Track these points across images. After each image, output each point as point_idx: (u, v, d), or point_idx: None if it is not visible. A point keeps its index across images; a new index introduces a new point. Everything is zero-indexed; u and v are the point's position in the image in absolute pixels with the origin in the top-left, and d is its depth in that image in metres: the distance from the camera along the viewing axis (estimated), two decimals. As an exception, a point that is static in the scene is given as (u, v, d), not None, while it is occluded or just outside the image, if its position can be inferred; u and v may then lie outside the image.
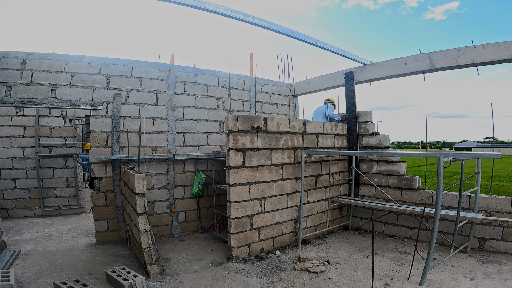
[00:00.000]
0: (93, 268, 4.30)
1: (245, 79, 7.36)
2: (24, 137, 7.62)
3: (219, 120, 6.78)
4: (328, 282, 3.92)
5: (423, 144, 45.47)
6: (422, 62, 5.68)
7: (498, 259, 4.47)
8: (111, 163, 5.52)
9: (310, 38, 5.80)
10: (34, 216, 7.63)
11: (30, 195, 7.69)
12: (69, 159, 8.14)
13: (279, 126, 5.14)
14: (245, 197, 4.78)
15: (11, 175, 7.54)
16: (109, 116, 5.52)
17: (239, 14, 4.77)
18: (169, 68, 6.18)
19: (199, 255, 4.95)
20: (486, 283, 3.76)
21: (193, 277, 4.07)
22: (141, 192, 4.00)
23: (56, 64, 5.23)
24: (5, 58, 4.97)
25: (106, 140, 5.48)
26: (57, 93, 5.20)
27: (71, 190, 8.16)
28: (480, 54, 5.01)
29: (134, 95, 5.76)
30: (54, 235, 5.97)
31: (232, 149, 4.60)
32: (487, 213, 4.81)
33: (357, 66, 6.71)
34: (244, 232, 4.80)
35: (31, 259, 4.54)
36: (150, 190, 5.79)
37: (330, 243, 5.50)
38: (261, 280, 4.00)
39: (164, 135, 6.05)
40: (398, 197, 5.75)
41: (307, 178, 5.63)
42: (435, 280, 3.87)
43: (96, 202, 5.45)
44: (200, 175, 6.06)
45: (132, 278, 3.59)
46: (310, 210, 5.74)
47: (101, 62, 5.53)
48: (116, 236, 5.58)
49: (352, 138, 6.40)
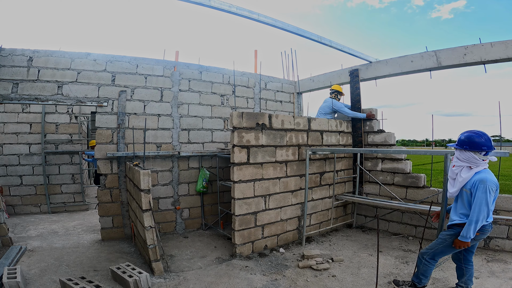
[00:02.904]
0: (98, 265, 4.33)
1: (249, 76, 7.35)
2: (31, 134, 7.69)
3: (223, 117, 6.78)
4: (332, 280, 3.92)
5: (428, 142, 45.19)
6: (429, 60, 5.62)
7: (503, 257, 4.43)
8: (116, 160, 5.55)
9: (315, 36, 5.77)
10: (40, 213, 7.71)
11: (36, 191, 7.76)
12: (75, 155, 8.21)
13: (283, 123, 5.13)
14: (249, 194, 4.78)
15: (17, 171, 7.61)
16: (115, 112, 5.55)
17: (244, 11, 4.75)
18: (174, 65, 6.19)
19: (203, 252, 4.97)
20: (491, 282, 3.74)
21: (197, 274, 4.09)
22: (146, 189, 4.02)
23: (62, 61, 5.26)
24: (12, 56, 5.01)
25: (112, 136, 5.51)
26: (64, 90, 5.23)
27: (76, 187, 8.24)
28: (488, 52, 4.95)
29: (139, 92, 5.78)
30: (60, 232, 6.02)
31: (236, 146, 4.60)
32: (493, 211, 4.77)
33: (362, 63, 6.66)
34: (248, 229, 4.81)
35: (37, 256, 4.58)
36: (155, 187, 5.82)
37: (334, 241, 5.49)
38: (264, 277, 4.01)
39: (169, 132, 6.07)
40: (403, 195, 5.72)
41: (312, 175, 5.62)
42: (439, 278, 3.85)
43: (101, 199, 5.49)
44: (204, 172, 6.08)
45: (136, 274, 3.62)
46: (314, 208, 5.73)
47: (107, 59, 5.55)
48: (121, 232, 5.62)
49: (357, 135, 6.37)
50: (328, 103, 6.46)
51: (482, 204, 2.92)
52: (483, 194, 2.92)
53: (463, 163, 3.10)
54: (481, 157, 3.02)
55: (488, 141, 3.01)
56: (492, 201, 2.96)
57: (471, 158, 3.04)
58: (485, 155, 3.03)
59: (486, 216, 2.94)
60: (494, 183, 2.96)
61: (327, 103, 6.49)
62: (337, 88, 6.61)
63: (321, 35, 5.86)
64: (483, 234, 3.11)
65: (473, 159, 3.03)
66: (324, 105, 6.55)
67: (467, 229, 2.97)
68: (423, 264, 3.37)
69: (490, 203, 2.93)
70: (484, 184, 2.92)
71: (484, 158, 3.04)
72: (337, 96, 6.55)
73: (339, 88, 6.63)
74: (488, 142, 3.00)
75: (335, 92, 6.58)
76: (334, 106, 6.36)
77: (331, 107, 6.38)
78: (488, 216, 2.99)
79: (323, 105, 6.58)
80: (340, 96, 6.61)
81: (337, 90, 6.59)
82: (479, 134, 3.03)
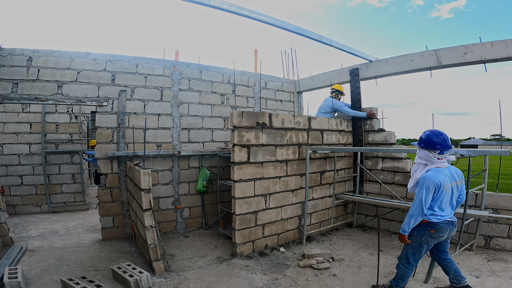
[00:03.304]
0: (99, 265, 4.33)
1: (249, 76, 7.34)
2: (31, 134, 7.69)
3: (223, 116, 6.78)
4: (333, 279, 3.92)
5: (429, 141, 45.05)
6: (429, 59, 5.62)
7: (504, 257, 4.43)
8: (116, 159, 5.55)
9: (315, 35, 5.76)
10: (41, 213, 7.71)
11: (36, 191, 7.76)
12: (75, 155, 8.21)
13: (284, 122, 5.13)
14: (249, 193, 4.78)
15: (18, 171, 7.61)
16: (115, 112, 5.54)
17: (244, 10, 4.75)
18: (174, 64, 6.18)
19: (203, 252, 4.97)
20: (492, 281, 3.74)
21: (198, 274, 4.10)
22: (147, 188, 4.02)
23: (62, 61, 5.25)
24: (11, 55, 5.00)
25: (112, 136, 5.51)
26: (63, 89, 5.23)
27: (77, 187, 8.24)
28: (488, 51, 4.94)
29: (139, 91, 5.78)
30: (61, 232, 6.03)
31: (237, 145, 4.60)
32: (493, 210, 4.77)
33: (363, 62, 6.65)
34: (248, 229, 4.81)
35: (38, 256, 4.58)
36: (155, 186, 5.82)
37: (335, 240, 5.49)
38: (265, 276, 4.01)
39: (169, 131, 6.06)
40: (404, 194, 5.71)
41: (312, 174, 5.62)
42: (440, 278, 3.85)
43: (102, 198, 5.49)
44: (204, 171, 6.07)
45: (137, 274, 3.62)
46: (315, 207, 5.73)
47: (107, 59, 5.55)
48: (121, 232, 5.62)
49: (357, 134, 6.37)
50: (328, 102, 6.45)
51: (417, 200, 3.08)
52: (420, 191, 3.08)
53: (421, 160, 3.24)
54: (436, 156, 3.13)
55: (444, 141, 3.11)
56: (430, 199, 3.06)
57: (427, 156, 3.18)
58: (440, 153, 3.13)
59: (421, 212, 3.07)
60: (433, 181, 3.03)
61: (327, 102, 6.48)
62: (338, 87, 6.60)
63: (321, 34, 5.85)
64: (440, 232, 3.17)
65: (429, 157, 3.16)
66: (324, 104, 6.54)
67: (404, 222, 3.18)
68: (400, 268, 3.43)
69: (425, 199, 3.03)
70: (423, 181, 3.07)
71: (439, 157, 3.14)
72: (337, 96, 6.55)
73: (340, 87, 6.62)
74: (443, 142, 3.11)
75: (336, 92, 6.56)
76: (335, 105, 6.35)
77: (331, 106, 6.37)
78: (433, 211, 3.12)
79: (323, 104, 6.58)
80: (340, 95, 6.60)
81: (338, 90, 6.57)
82: (436, 134, 3.16)
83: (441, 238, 3.22)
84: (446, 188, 3.08)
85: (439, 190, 3.06)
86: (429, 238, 3.17)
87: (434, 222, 3.12)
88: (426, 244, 3.22)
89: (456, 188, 3.20)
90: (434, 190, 3.05)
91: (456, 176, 3.21)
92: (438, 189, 3.06)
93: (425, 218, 3.13)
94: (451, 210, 3.22)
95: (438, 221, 3.12)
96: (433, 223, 3.12)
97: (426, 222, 3.15)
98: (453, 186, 3.16)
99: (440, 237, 3.20)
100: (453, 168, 3.27)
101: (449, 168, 3.22)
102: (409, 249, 3.32)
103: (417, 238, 3.21)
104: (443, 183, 3.05)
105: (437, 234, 3.16)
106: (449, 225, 3.18)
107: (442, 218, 3.13)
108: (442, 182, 3.04)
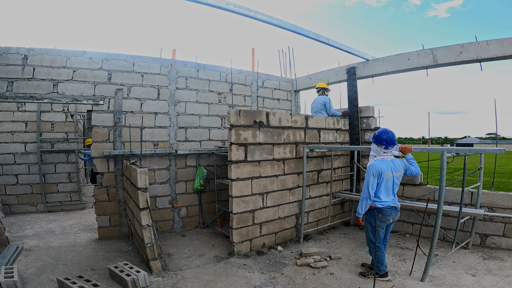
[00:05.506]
0: (96, 264, 4.32)
1: (246, 74, 7.33)
2: (26, 133, 7.63)
3: (220, 115, 6.77)
4: (330, 278, 3.93)
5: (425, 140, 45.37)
6: (425, 58, 5.64)
7: (500, 255, 4.47)
8: (113, 158, 5.52)
9: (313, 33, 5.76)
10: (37, 212, 7.67)
11: (32, 190, 7.71)
12: (71, 154, 8.16)
13: (281, 121, 5.13)
14: (247, 192, 4.78)
15: (13, 170, 7.56)
16: (111, 111, 5.51)
17: (241, 8, 4.73)
18: (171, 63, 6.16)
19: (201, 251, 4.97)
20: (488, 279, 3.77)
21: (196, 273, 4.09)
22: (143, 187, 4.00)
23: (57, 60, 5.21)
24: (7, 54, 4.96)
25: (108, 135, 5.48)
26: (59, 88, 5.19)
27: (73, 186, 8.19)
28: (484, 50, 4.97)
29: (136, 90, 5.75)
30: (57, 231, 5.99)
31: (234, 143, 4.59)
32: (489, 209, 4.80)
33: (360, 61, 6.67)
34: (246, 227, 4.81)
35: (34, 255, 4.56)
36: (152, 185, 5.80)
37: (332, 239, 5.51)
38: (263, 275, 4.02)
39: (166, 130, 6.04)
40: (400, 192, 5.74)
41: (309, 173, 5.63)
42: (436, 276, 3.88)
43: (98, 197, 5.46)
44: (201, 170, 6.06)
45: (134, 273, 3.61)
46: (312, 205, 5.74)
47: (103, 57, 5.51)
48: (118, 231, 5.60)
49: (354, 133, 6.39)
50: (320, 99, 6.50)
51: (365, 185, 3.67)
52: (367, 176, 3.67)
53: (373, 152, 3.83)
54: (382, 150, 3.73)
55: (389, 138, 3.67)
56: (375, 184, 3.61)
57: (376, 149, 3.78)
58: (385, 148, 3.71)
59: (369, 195, 3.61)
60: (376, 168, 3.61)
61: (319, 100, 6.53)
62: (322, 85, 6.73)
63: (318, 33, 5.85)
64: (387, 216, 3.69)
65: (376, 150, 3.77)
66: (316, 103, 6.58)
67: (358, 206, 3.75)
68: (373, 253, 3.82)
69: (371, 184, 3.59)
70: (369, 168, 3.67)
71: (385, 151, 3.72)
72: (324, 93, 6.64)
73: (324, 85, 6.75)
74: (388, 139, 3.67)
75: (322, 90, 6.68)
76: (325, 100, 6.44)
77: (323, 103, 6.42)
78: (378, 198, 3.65)
79: (315, 104, 6.61)
80: (327, 92, 6.72)
81: (323, 87, 6.69)
82: (385, 132, 3.71)
83: (388, 221, 3.75)
84: (386, 176, 3.62)
85: (380, 177, 3.61)
86: (379, 222, 3.68)
87: (379, 207, 3.65)
88: (379, 227, 3.72)
89: (397, 178, 3.74)
90: (377, 177, 3.60)
91: (398, 168, 3.74)
92: (380, 176, 3.61)
93: (372, 204, 3.66)
94: (393, 197, 3.75)
95: (382, 206, 3.65)
96: (379, 208, 3.65)
97: (373, 208, 3.67)
98: (394, 176, 3.70)
99: (387, 220, 3.72)
100: (397, 161, 3.80)
101: (394, 160, 3.77)
102: (369, 233, 3.83)
103: (371, 222, 3.74)
104: (383, 171, 3.60)
105: (384, 217, 3.69)
106: (392, 210, 3.71)
107: (386, 204, 3.66)
108: (383, 170, 3.60)
